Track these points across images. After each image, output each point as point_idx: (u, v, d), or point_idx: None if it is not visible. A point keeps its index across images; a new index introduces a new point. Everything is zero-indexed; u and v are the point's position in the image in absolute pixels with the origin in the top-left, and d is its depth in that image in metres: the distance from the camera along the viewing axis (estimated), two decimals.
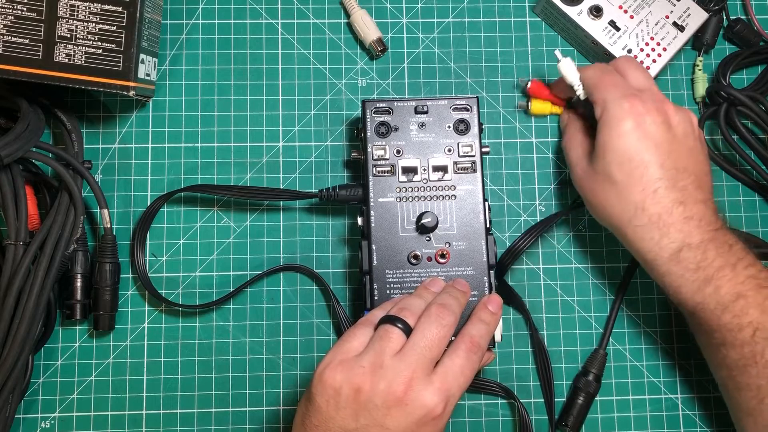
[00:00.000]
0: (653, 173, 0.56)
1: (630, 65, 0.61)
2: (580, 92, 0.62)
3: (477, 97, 0.62)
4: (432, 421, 0.50)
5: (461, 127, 0.62)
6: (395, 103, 0.62)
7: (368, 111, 0.62)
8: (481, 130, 0.62)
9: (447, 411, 0.50)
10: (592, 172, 0.59)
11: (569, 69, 0.62)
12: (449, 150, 0.61)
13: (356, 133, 0.64)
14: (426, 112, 0.62)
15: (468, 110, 0.62)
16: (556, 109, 0.67)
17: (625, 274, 0.66)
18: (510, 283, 0.65)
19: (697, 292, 0.55)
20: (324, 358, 0.52)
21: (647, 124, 0.57)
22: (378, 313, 0.55)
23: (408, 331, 0.52)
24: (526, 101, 0.67)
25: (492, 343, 0.59)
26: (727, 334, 0.55)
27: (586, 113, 0.63)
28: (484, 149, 0.62)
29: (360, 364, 0.50)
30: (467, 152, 0.61)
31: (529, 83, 0.67)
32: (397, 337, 0.52)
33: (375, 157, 0.61)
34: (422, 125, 0.62)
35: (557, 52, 0.62)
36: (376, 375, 0.50)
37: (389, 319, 0.53)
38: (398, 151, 0.61)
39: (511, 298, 0.65)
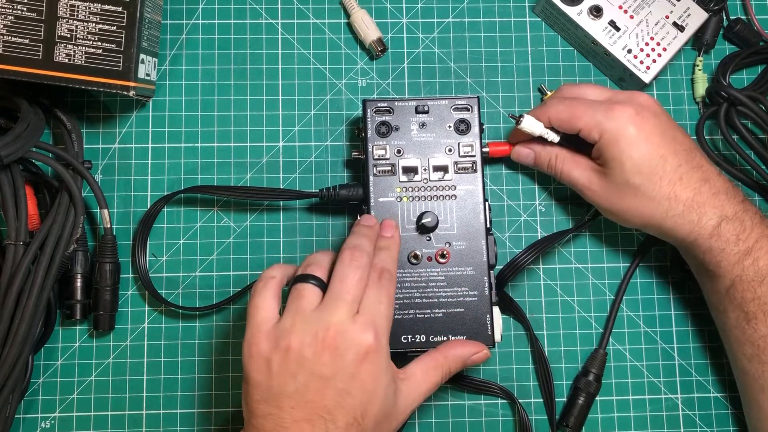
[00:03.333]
0: (672, 162, 0.57)
1: (579, 87, 0.63)
2: (552, 138, 0.62)
3: (478, 97, 0.62)
4: (368, 356, 0.49)
5: (462, 127, 0.62)
6: (396, 103, 0.62)
7: (369, 111, 0.62)
8: (481, 130, 0.62)
9: (381, 343, 0.50)
10: (609, 186, 0.59)
11: (532, 123, 0.62)
12: (450, 150, 0.61)
13: (357, 133, 0.64)
14: (427, 112, 0.62)
15: (469, 110, 0.62)
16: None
17: (625, 274, 0.66)
18: (510, 283, 0.65)
19: (736, 264, 0.56)
20: (245, 338, 0.51)
21: (643, 122, 0.57)
22: (269, 274, 0.54)
23: (321, 284, 0.52)
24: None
25: (491, 343, 0.59)
26: (763, 305, 0.56)
27: (563, 141, 0.63)
28: (484, 149, 0.62)
29: (282, 327, 0.50)
30: (468, 152, 0.61)
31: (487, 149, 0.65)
32: (311, 292, 0.52)
33: (375, 157, 0.61)
34: (423, 125, 0.62)
35: (511, 116, 0.62)
36: (301, 331, 0.49)
37: (300, 278, 0.52)
38: (399, 151, 0.61)
39: (512, 309, 0.65)
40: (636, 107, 0.58)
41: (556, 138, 0.62)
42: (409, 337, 0.59)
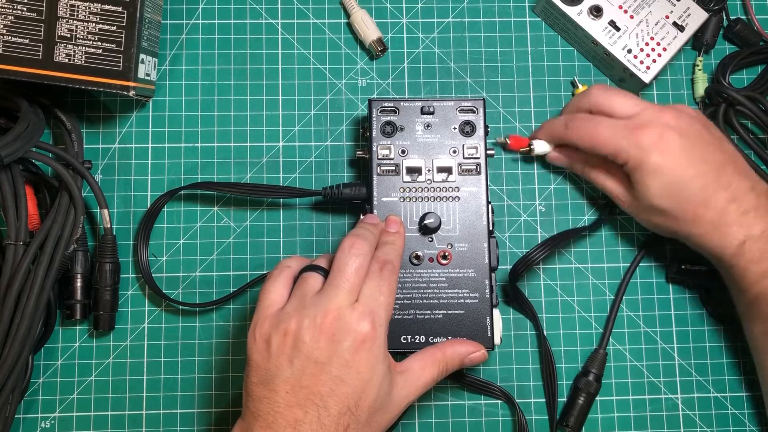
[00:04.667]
0: (698, 184, 0.57)
1: (607, 96, 0.61)
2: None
3: (483, 99, 0.62)
4: (363, 344, 0.50)
5: (467, 128, 0.62)
6: (401, 103, 0.62)
7: (374, 110, 0.62)
8: (486, 133, 0.62)
9: (378, 333, 0.50)
10: (638, 205, 0.60)
11: (543, 147, 0.65)
12: (454, 151, 0.61)
13: (362, 132, 0.64)
14: (432, 113, 0.62)
15: (474, 112, 0.62)
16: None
17: (625, 274, 0.66)
18: (523, 279, 0.65)
19: (759, 281, 0.56)
20: (252, 321, 0.52)
21: (667, 146, 0.57)
22: (286, 263, 0.55)
23: (326, 274, 0.53)
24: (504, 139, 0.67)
25: (491, 346, 0.59)
26: None
27: None
28: (489, 152, 0.62)
29: (284, 311, 0.51)
30: (472, 154, 0.61)
31: (508, 140, 0.67)
32: (314, 280, 0.53)
33: (380, 157, 0.61)
34: (428, 126, 0.62)
35: (498, 142, 0.65)
36: (300, 314, 0.50)
37: (307, 268, 0.54)
38: (403, 151, 0.61)
39: (523, 306, 0.65)
40: (661, 129, 0.57)
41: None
42: (409, 337, 0.59)
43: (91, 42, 0.60)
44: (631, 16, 0.66)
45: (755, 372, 0.62)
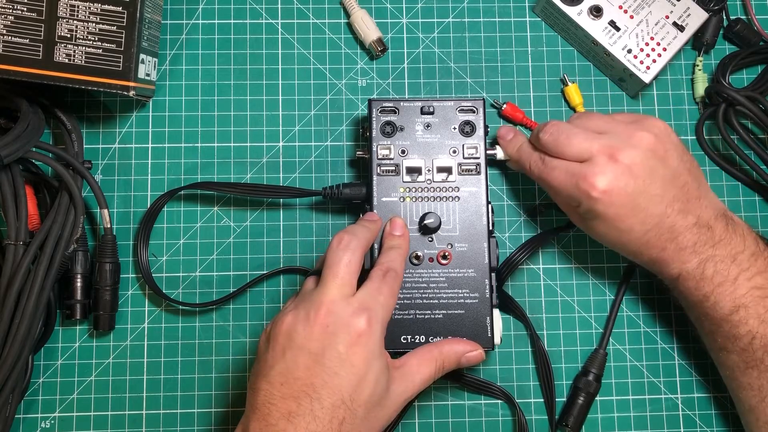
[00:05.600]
0: (638, 231, 0.57)
1: (558, 142, 0.59)
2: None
3: (483, 99, 0.62)
4: (359, 339, 0.50)
5: (467, 128, 0.62)
6: (401, 103, 0.62)
7: (374, 110, 0.62)
8: (486, 133, 0.62)
9: (374, 329, 0.51)
10: (585, 227, 0.61)
11: (500, 153, 0.64)
12: (454, 151, 0.61)
13: (361, 132, 0.64)
14: (432, 113, 0.62)
15: (474, 112, 0.62)
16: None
17: (625, 274, 0.66)
18: (509, 282, 0.65)
19: (698, 305, 0.57)
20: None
21: (613, 197, 0.56)
22: (310, 272, 0.58)
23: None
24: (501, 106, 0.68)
25: (491, 346, 0.59)
26: (727, 341, 0.57)
27: None
28: (489, 152, 0.62)
29: (285, 309, 0.53)
30: (472, 154, 0.61)
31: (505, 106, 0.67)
32: (313, 281, 0.55)
33: (380, 157, 0.61)
34: (428, 126, 0.62)
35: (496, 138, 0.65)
36: (297, 308, 0.52)
37: (310, 274, 0.56)
38: (403, 151, 0.61)
39: (511, 307, 0.65)
40: (609, 178, 0.56)
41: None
42: (409, 337, 0.59)
43: (91, 42, 0.60)
44: (631, 16, 0.66)
45: None
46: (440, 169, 0.61)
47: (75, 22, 0.60)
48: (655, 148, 0.57)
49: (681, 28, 0.66)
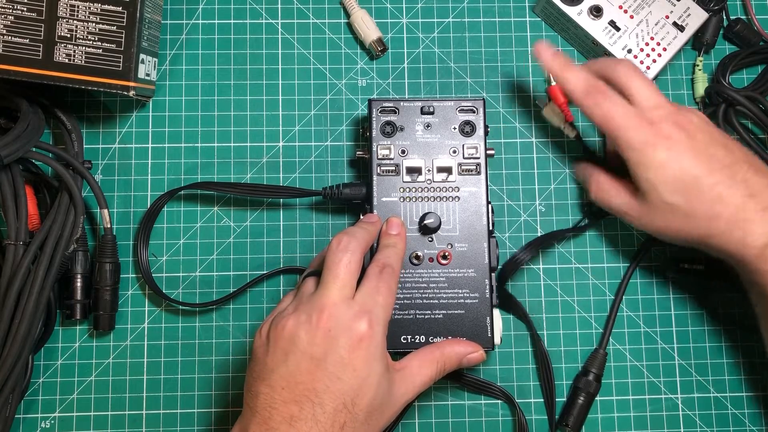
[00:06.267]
0: (707, 181, 0.55)
1: (632, 78, 0.59)
2: (569, 134, 0.65)
3: (483, 99, 0.62)
4: (361, 343, 0.50)
5: (467, 128, 0.62)
6: (401, 103, 0.62)
7: (374, 110, 0.62)
8: (486, 133, 0.62)
9: (375, 332, 0.51)
10: (648, 208, 0.58)
11: (551, 116, 0.65)
12: (454, 151, 0.61)
13: (362, 132, 0.64)
14: (432, 113, 0.62)
15: (474, 112, 0.62)
16: (562, 123, 0.66)
17: (625, 274, 0.66)
18: (510, 282, 0.65)
19: None
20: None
21: (675, 143, 0.56)
22: (305, 273, 0.57)
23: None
24: (547, 99, 0.66)
25: (491, 346, 0.59)
26: None
27: (602, 154, 0.66)
28: (489, 152, 0.62)
29: (285, 311, 0.53)
30: (472, 154, 0.61)
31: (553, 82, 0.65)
32: (310, 282, 0.55)
33: (380, 157, 0.61)
34: (428, 126, 0.62)
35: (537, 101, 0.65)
36: (297, 311, 0.52)
37: (307, 274, 0.56)
38: (403, 151, 0.61)
39: (512, 306, 0.65)
40: (671, 127, 0.56)
41: (572, 134, 0.65)
42: (409, 337, 0.59)
43: (91, 42, 0.60)
44: (631, 16, 0.66)
45: (755, 372, 0.62)
46: (440, 169, 0.61)
47: (75, 22, 0.60)
48: (709, 122, 0.59)
49: (681, 28, 0.66)
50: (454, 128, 0.62)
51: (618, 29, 0.66)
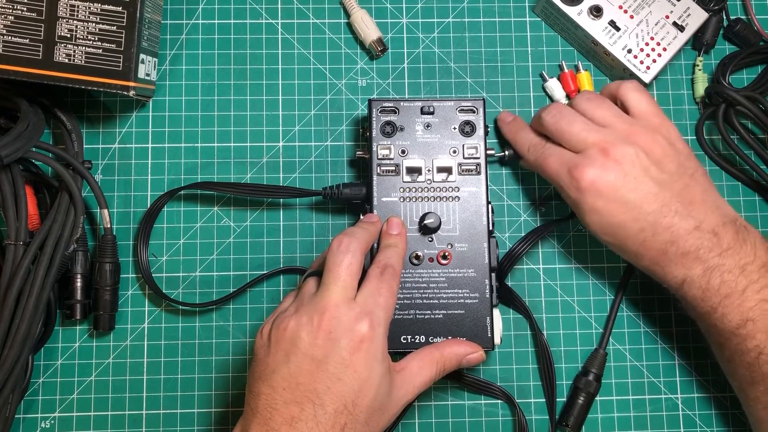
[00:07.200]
0: (633, 228, 0.56)
1: (559, 126, 0.60)
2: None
3: (483, 99, 0.62)
4: (361, 344, 0.50)
5: (467, 128, 0.62)
6: (401, 103, 0.62)
7: (374, 110, 0.62)
8: (486, 133, 0.62)
9: (376, 333, 0.51)
10: (583, 222, 0.60)
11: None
12: (454, 151, 0.61)
13: (362, 132, 0.64)
14: (432, 113, 0.62)
15: (474, 112, 0.62)
16: None
17: (625, 274, 0.66)
18: (510, 282, 0.65)
19: (705, 316, 0.56)
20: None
21: (603, 190, 0.56)
22: (306, 274, 0.57)
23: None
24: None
25: (491, 346, 0.59)
26: (734, 354, 0.56)
27: None
28: (489, 152, 0.62)
29: (286, 312, 0.53)
30: (472, 154, 0.61)
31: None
32: (311, 283, 0.55)
33: (380, 157, 0.61)
34: (428, 126, 0.62)
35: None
36: (299, 312, 0.52)
37: (308, 275, 0.56)
38: (403, 151, 0.61)
39: (512, 300, 0.65)
40: (600, 171, 0.56)
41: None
42: (409, 337, 0.59)
43: (91, 42, 0.60)
44: (631, 16, 0.66)
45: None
46: (440, 169, 0.61)
47: (75, 22, 0.60)
48: (651, 150, 0.57)
49: (681, 28, 0.66)
50: (454, 128, 0.62)
51: (618, 29, 0.66)
